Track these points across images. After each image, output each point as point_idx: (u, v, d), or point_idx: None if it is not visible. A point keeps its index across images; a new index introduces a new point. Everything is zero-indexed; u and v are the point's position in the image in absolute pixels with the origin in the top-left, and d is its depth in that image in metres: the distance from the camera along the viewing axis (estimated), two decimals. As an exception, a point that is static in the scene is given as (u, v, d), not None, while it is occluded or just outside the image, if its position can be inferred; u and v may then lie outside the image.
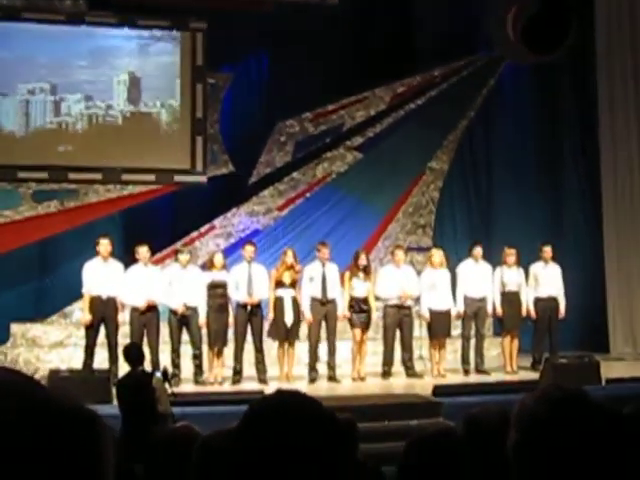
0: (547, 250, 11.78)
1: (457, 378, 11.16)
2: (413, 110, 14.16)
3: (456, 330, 11.73)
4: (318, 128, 13.97)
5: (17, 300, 12.54)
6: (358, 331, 11.08)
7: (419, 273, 11.55)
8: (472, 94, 14.17)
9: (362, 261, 11.15)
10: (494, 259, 11.81)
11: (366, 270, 11.15)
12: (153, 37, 13.45)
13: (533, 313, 11.65)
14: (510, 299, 11.52)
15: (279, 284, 10.90)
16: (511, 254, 11.55)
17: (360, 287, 11.10)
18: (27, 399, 0.85)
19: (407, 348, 11.24)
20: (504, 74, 14.44)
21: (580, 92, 14.36)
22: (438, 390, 9.72)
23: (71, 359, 11.30)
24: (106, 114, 13.25)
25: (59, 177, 12.92)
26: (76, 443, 0.84)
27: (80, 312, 11.33)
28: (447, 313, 11.36)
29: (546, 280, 11.66)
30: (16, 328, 12.15)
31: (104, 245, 10.64)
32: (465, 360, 11.49)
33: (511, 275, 11.56)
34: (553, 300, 11.67)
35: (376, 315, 11.50)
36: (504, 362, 11.63)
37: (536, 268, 11.73)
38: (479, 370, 11.42)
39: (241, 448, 1.36)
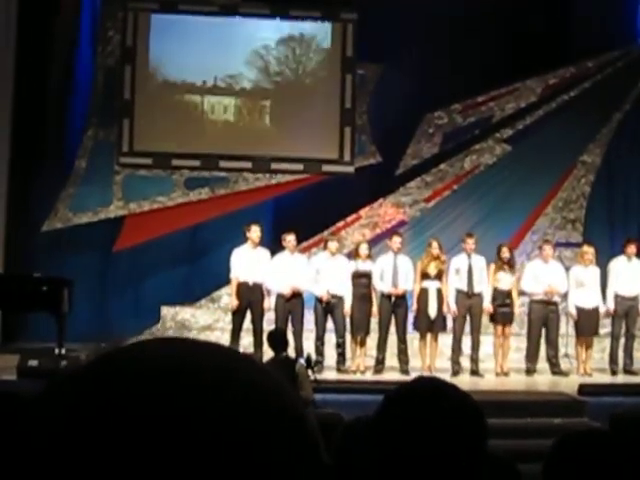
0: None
1: (604, 378, 10.93)
2: (565, 102, 13.85)
3: (604, 329, 11.43)
4: (467, 120, 13.84)
5: (168, 283, 12.85)
6: (500, 325, 11.00)
7: (567, 269, 11.37)
8: (627, 86, 13.77)
9: (504, 254, 11.07)
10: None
11: (510, 263, 11.07)
12: (304, 28, 13.61)
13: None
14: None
15: (425, 276, 10.88)
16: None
17: (505, 280, 11.01)
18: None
19: (552, 345, 11.07)
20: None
21: None
22: (584, 389, 9.54)
23: (218, 343, 11.55)
24: (256, 103, 13.49)
25: (210, 165, 13.21)
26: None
27: (228, 297, 11.59)
28: (595, 311, 11.14)
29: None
30: (166, 311, 12.49)
31: (255, 231, 10.79)
32: (613, 360, 11.21)
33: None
34: None
35: (521, 310, 11.41)
36: (655, 363, 11.39)
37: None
38: (627, 370, 11.11)
39: (381, 432, 1.36)
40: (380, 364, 10.79)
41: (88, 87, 13.18)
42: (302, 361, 7.61)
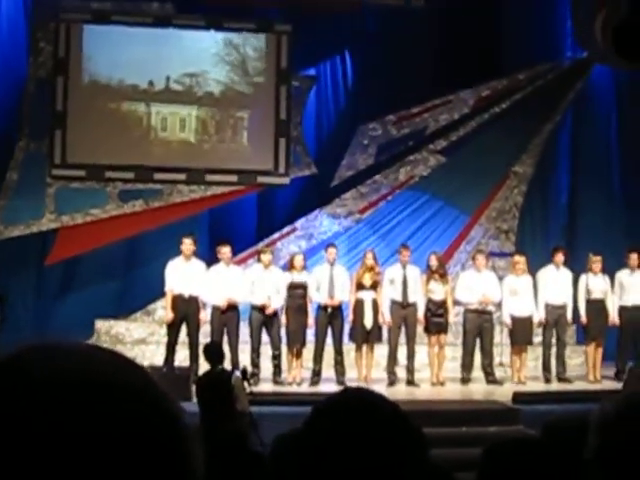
0: (633, 257, 11.46)
1: (538, 386, 11.00)
2: (498, 114, 14.00)
3: (538, 338, 11.50)
4: (401, 131, 13.90)
5: (102, 297, 12.73)
6: (435, 335, 11.02)
7: (501, 279, 11.46)
8: (557, 98, 13.95)
9: (433, 264, 11.09)
10: (577, 266, 11.68)
11: (440, 272, 11.10)
12: (238, 40, 13.56)
13: (617, 321, 11.39)
14: (595, 307, 11.29)
15: (360, 286, 10.89)
16: (597, 261, 11.34)
17: (437, 290, 11.04)
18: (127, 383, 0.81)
19: (487, 354, 11.14)
20: (593, 77, 14.22)
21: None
22: (518, 397, 9.60)
23: (153, 356, 11.43)
24: (191, 116, 13.41)
25: (145, 177, 13.12)
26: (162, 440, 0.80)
27: (163, 310, 11.47)
28: (529, 320, 11.23)
29: (633, 288, 11.37)
30: (100, 324, 12.33)
31: (187, 244, 10.72)
32: (546, 368, 11.31)
33: (597, 282, 11.33)
34: (639, 309, 11.38)
35: (456, 320, 11.49)
36: (587, 371, 11.42)
37: (622, 276, 11.46)
38: (561, 378, 11.23)
39: (308, 445, 1.34)
40: (317, 376, 10.78)
41: (19, 99, 12.98)
42: (238, 373, 7.56)
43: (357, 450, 1.34)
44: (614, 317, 11.41)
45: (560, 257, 11.40)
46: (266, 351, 10.82)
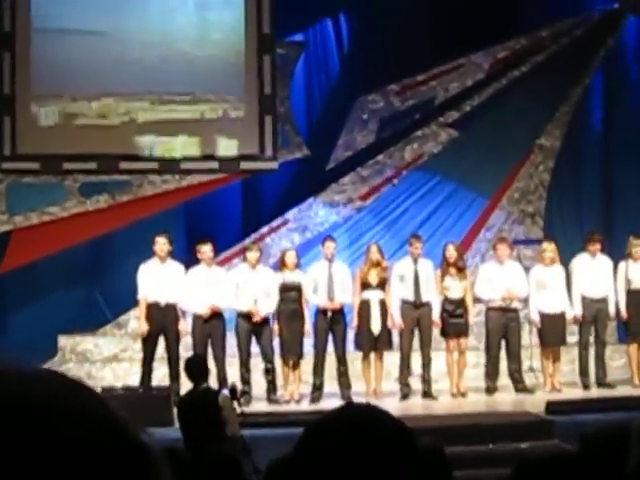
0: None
1: (574, 393, 11.04)
2: (517, 78, 13.97)
3: (572, 337, 11.55)
4: (406, 103, 13.90)
5: (65, 308, 12.67)
6: (454, 339, 11.07)
7: (527, 270, 11.48)
8: (587, 57, 13.93)
9: (450, 255, 11.13)
10: (616, 252, 11.73)
11: (458, 266, 11.15)
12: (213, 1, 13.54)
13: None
14: (637, 299, 11.31)
15: (365, 285, 10.94)
16: (637, 245, 11.38)
17: (454, 286, 11.09)
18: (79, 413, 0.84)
19: (515, 358, 11.15)
20: (626, 31, 14.21)
21: None
22: (552, 407, 9.64)
23: (127, 375, 11.46)
24: (162, 95, 13.36)
25: (109, 167, 13.02)
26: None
27: (136, 321, 11.51)
28: (561, 316, 11.26)
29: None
30: (64, 341, 12.32)
31: (161, 244, 10.76)
32: (583, 372, 11.31)
33: (637, 270, 11.37)
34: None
35: (477, 320, 11.55)
36: (631, 374, 11.45)
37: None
38: (600, 383, 11.26)
39: (299, 471, 1.34)
40: (318, 391, 10.78)
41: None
42: (226, 392, 7.58)
43: (358, 475, 1.35)
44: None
45: (596, 245, 11.43)
46: (257, 365, 10.83)
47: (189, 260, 11.14)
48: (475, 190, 13.61)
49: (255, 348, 10.85)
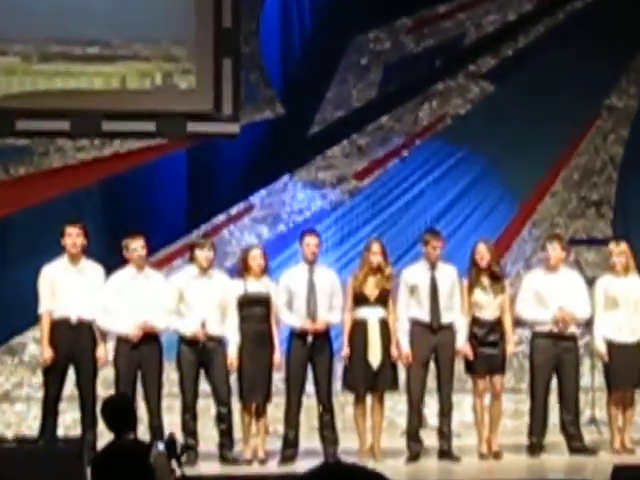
0: None
1: (653, 456, 10.91)
2: (578, 13, 13.89)
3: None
4: (422, 44, 13.97)
5: None
6: (485, 377, 10.99)
7: (591, 282, 11.42)
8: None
9: (481, 257, 11.03)
10: None
11: (494, 274, 11.06)
12: None
13: None
14: None
15: (360, 299, 10.88)
16: None
17: (488, 302, 11.03)
18: None
19: (570, 405, 11.08)
20: None
21: None
22: (621, 474, 9.51)
23: (21, 421, 11.52)
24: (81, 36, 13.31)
25: (2, 128, 12.98)
26: None
27: (36, 346, 11.41)
28: (638, 347, 11.24)
29: None
30: None
31: (72, 237, 10.68)
32: (667, 426, 11.31)
33: None
34: None
35: (519, 350, 11.56)
36: None
37: None
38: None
39: None
40: (291, 447, 10.78)
41: None
42: (161, 446, 7.43)
43: None
44: None
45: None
46: (207, 409, 10.97)
47: (111, 260, 11.08)
48: (516, 169, 13.54)
49: (204, 385, 10.85)
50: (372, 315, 10.84)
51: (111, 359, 10.69)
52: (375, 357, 10.77)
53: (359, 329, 10.83)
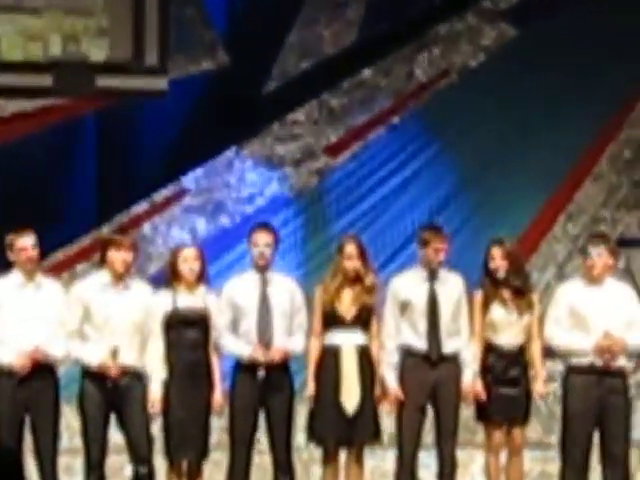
0: None
1: None
2: None
3: None
4: (418, -27, 13.83)
5: None
6: (502, 427, 10.95)
7: (646, 297, 10.83)
8: None
9: (498, 263, 10.95)
10: None
11: (516, 286, 11.02)
12: None
13: None
14: None
15: (331, 319, 10.86)
16: None
17: (507, 325, 10.93)
18: None
19: (617, 464, 10.85)
20: None
21: None
22: None
23: None
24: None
25: None
26: None
27: None
28: None
29: None
30: None
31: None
32: None
33: None
34: None
35: (549, 389, 11.25)
36: None
37: None
38: None
39: None
40: (235, 517, 10.42)
41: None
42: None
43: None
44: None
45: None
46: (121, 467, 11.16)
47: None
48: (547, 143, 13.49)
49: (116, 435, 10.66)
50: (348, 341, 10.77)
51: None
52: (351, 399, 10.68)
53: (329, 360, 10.75)
